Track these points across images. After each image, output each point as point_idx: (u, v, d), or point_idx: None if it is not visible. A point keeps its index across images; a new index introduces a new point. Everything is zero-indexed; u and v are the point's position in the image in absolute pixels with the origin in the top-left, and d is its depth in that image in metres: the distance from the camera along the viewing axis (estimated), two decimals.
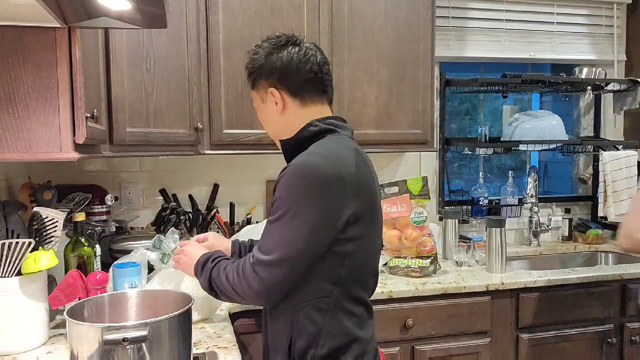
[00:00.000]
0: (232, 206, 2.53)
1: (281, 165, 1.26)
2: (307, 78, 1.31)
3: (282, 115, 1.32)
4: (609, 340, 2.31)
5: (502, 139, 2.89)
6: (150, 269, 1.88)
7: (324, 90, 1.35)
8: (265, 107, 1.35)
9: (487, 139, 2.83)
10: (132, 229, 2.31)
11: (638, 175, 2.81)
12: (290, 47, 1.31)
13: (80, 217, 1.70)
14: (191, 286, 1.78)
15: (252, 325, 1.90)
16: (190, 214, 2.40)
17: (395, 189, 2.28)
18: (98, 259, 1.76)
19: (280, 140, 1.37)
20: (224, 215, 2.53)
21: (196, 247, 1.43)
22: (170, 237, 1.79)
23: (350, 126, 1.37)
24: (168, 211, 2.20)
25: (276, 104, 1.32)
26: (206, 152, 2.18)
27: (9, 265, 1.38)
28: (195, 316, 1.63)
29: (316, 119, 1.31)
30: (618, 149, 2.87)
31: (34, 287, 1.42)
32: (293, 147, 1.32)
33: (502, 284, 2.16)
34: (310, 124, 1.31)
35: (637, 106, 2.87)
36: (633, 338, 2.34)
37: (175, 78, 2.01)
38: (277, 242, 1.19)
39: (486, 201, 2.82)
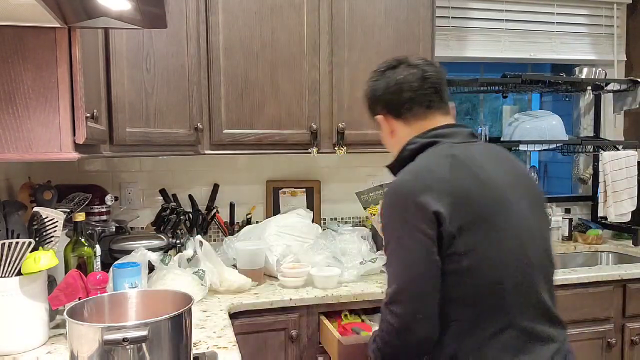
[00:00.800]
0: (232, 206, 2.53)
1: (281, 165, 1.25)
2: (405, 99, 1.34)
3: (393, 138, 1.40)
4: (609, 340, 2.31)
5: (502, 139, 2.89)
6: (151, 269, 1.89)
7: (428, 106, 1.35)
8: (381, 132, 1.44)
9: (487, 139, 2.83)
10: (132, 229, 2.31)
11: (638, 174, 2.81)
12: (390, 72, 1.37)
13: (80, 217, 1.70)
14: (191, 286, 1.78)
15: (252, 325, 1.90)
16: (190, 214, 2.40)
17: None
18: (98, 259, 1.76)
19: (387, 166, 1.40)
20: (224, 215, 2.53)
21: None
22: (190, 244, 1.79)
23: (463, 129, 1.34)
24: (168, 211, 2.20)
25: (385, 128, 1.40)
26: (206, 152, 2.18)
27: (9, 265, 1.38)
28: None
29: (416, 135, 1.33)
30: (618, 149, 2.87)
31: (34, 287, 1.42)
32: (397, 170, 1.31)
33: None
34: (408, 143, 1.32)
35: (637, 106, 2.87)
36: (633, 338, 2.34)
37: (175, 78, 2.01)
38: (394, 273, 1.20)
39: None
